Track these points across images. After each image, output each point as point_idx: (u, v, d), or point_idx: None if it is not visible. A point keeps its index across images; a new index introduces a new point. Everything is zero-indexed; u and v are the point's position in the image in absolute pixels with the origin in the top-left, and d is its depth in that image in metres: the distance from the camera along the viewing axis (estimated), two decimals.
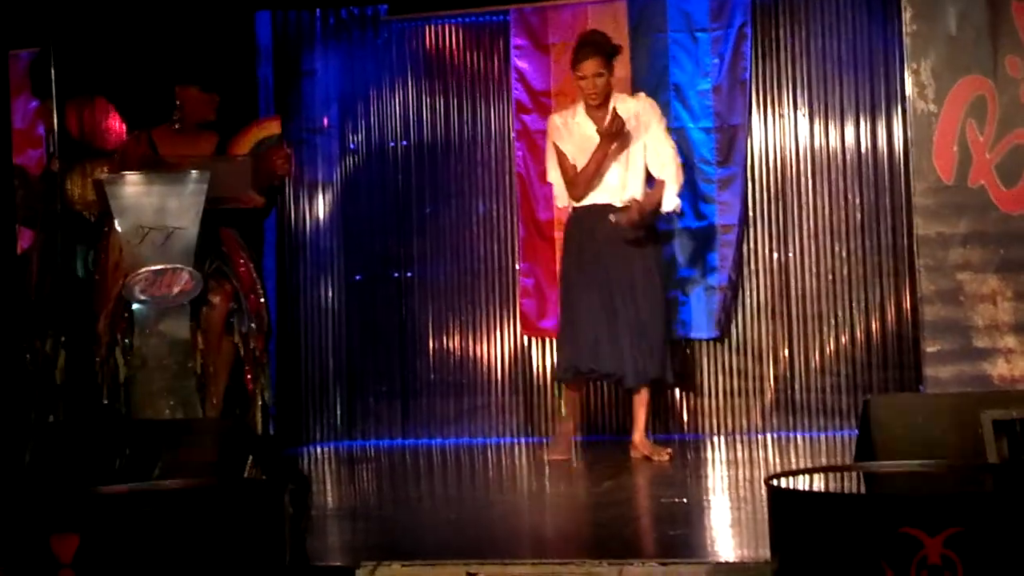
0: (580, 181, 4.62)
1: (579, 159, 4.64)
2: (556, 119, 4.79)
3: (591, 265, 4.61)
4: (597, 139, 4.59)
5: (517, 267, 5.61)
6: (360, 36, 5.83)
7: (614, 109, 4.58)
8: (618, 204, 4.59)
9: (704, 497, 3.91)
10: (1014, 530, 2.03)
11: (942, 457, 2.62)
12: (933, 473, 2.46)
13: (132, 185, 4.20)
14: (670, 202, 4.63)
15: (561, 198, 4.81)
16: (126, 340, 4.27)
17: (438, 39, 5.78)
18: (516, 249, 5.61)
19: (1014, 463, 2.64)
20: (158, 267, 4.15)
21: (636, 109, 4.67)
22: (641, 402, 4.63)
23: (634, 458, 4.59)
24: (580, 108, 4.72)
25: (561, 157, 4.69)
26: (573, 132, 4.68)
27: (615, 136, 4.54)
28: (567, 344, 4.67)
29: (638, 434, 4.63)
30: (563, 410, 4.80)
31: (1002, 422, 2.70)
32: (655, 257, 4.71)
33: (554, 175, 4.76)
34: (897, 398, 3.65)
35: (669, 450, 4.64)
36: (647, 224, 4.62)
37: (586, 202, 4.66)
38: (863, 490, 2.77)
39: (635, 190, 4.62)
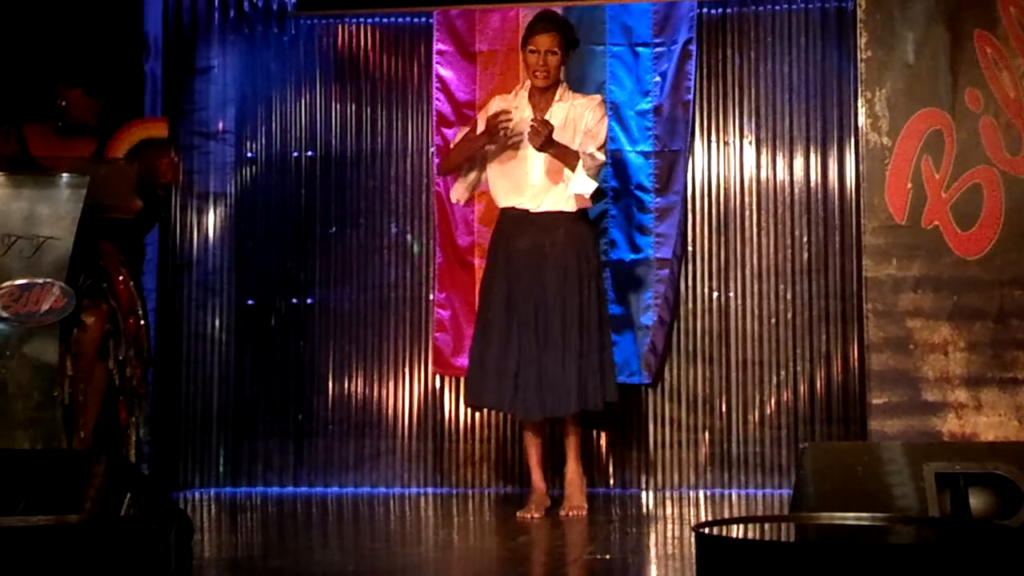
0: (450, 153, 5.01)
1: (506, 151, 4.79)
2: (496, 100, 4.93)
3: (512, 282, 4.76)
4: (527, 116, 4.74)
5: (432, 297, 5.72)
6: (264, 32, 5.91)
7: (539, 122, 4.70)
8: (541, 208, 4.77)
9: (628, 554, 4.06)
10: None
11: (881, 510, 2.81)
12: (870, 526, 2.64)
13: None
14: (582, 183, 4.68)
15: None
16: None
17: (352, 40, 5.89)
18: (431, 277, 5.72)
19: (956, 518, 2.84)
20: (24, 281, 4.13)
21: (584, 107, 4.80)
22: (569, 437, 4.83)
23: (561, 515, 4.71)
24: (524, 93, 4.87)
25: (471, 132, 4.90)
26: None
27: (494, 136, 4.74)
28: (478, 371, 4.82)
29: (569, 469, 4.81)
30: (529, 458, 4.88)
31: (945, 475, 2.91)
32: (591, 271, 4.82)
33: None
34: (835, 447, 3.85)
35: (582, 510, 4.75)
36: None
37: (510, 204, 4.82)
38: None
39: (562, 193, 4.76)
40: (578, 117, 4.79)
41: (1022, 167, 4.26)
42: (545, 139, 4.61)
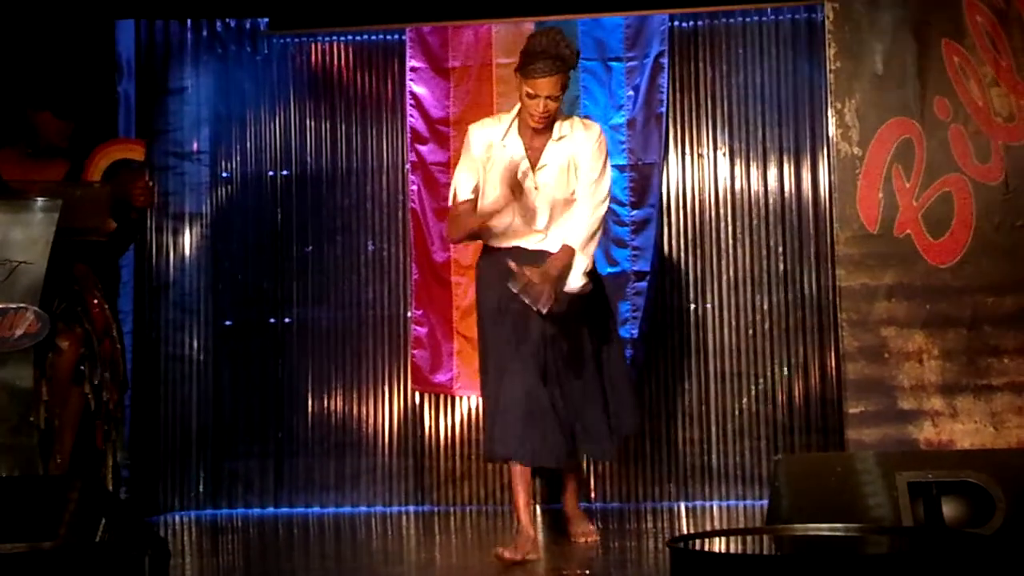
0: (462, 224, 4.35)
1: (495, 192, 4.26)
2: (479, 134, 4.38)
3: (517, 323, 4.28)
4: (524, 167, 4.27)
5: (409, 314, 5.73)
6: (237, 51, 5.92)
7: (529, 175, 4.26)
8: (542, 247, 4.33)
9: (610, 570, 4.07)
10: None
11: (856, 520, 2.83)
12: (844, 536, 2.66)
13: None
14: (575, 280, 4.25)
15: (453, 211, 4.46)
16: None
17: (325, 58, 5.91)
18: (408, 294, 5.73)
19: (929, 527, 2.86)
20: None
21: (583, 144, 4.31)
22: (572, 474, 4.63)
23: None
24: (513, 128, 4.35)
25: (462, 177, 4.36)
26: (494, 158, 4.32)
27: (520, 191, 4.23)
28: (499, 423, 4.29)
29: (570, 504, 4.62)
30: (517, 496, 4.31)
31: (918, 484, 2.93)
32: (599, 307, 4.48)
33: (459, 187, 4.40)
34: (808, 458, 3.88)
35: (595, 534, 4.59)
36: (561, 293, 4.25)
37: (514, 244, 4.36)
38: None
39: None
40: (577, 155, 4.30)
41: (991, 175, 4.31)
42: (546, 286, 4.15)
